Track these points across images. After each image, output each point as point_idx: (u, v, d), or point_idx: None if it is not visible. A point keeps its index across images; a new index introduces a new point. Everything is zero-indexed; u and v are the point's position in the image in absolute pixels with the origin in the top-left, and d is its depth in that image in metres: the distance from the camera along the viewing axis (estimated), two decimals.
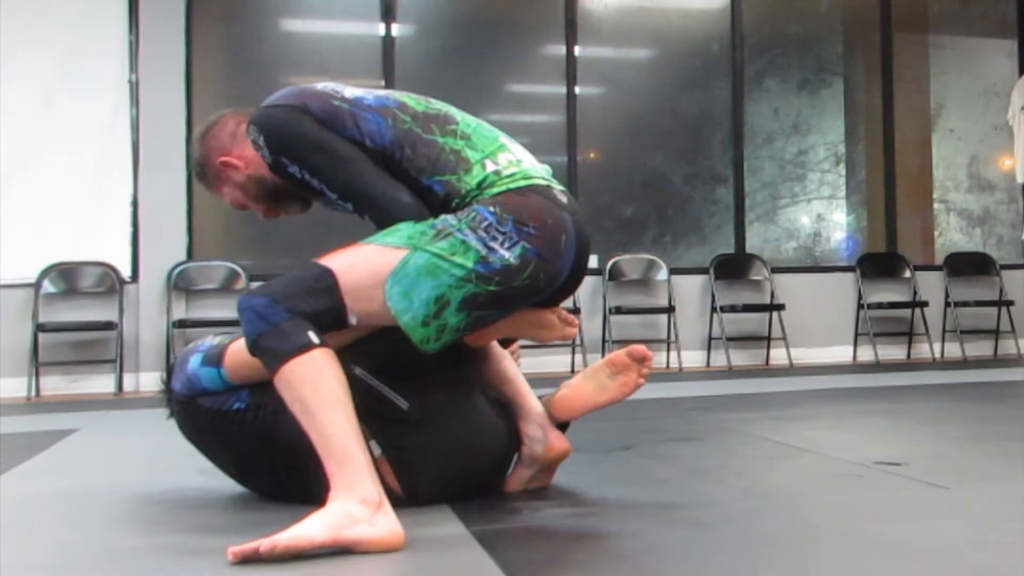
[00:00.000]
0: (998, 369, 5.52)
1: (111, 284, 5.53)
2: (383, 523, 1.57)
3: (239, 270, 5.71)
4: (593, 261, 6.30)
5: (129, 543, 1.72)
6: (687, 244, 6.77)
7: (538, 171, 1.89)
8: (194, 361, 2.00)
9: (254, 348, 1.66)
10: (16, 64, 5.43)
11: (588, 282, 6.19)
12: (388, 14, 6.15)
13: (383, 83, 6.10)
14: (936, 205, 7.28)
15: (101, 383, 5.45)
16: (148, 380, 5.49)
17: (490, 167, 1.83)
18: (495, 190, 1.79)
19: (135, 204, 5.61)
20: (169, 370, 2.09)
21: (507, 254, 1.73)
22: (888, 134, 6.96)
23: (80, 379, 5.46)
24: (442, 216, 1.78)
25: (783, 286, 6.45)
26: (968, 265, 6.89)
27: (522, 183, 1.81)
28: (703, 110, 6.88)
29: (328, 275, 1.71)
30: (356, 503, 1.57)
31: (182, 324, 5.49)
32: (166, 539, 1.74)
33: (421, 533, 1.69)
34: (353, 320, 1.73)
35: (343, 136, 1.83)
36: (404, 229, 1.76)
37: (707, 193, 6.85)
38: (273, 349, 1.63)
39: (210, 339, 2.06)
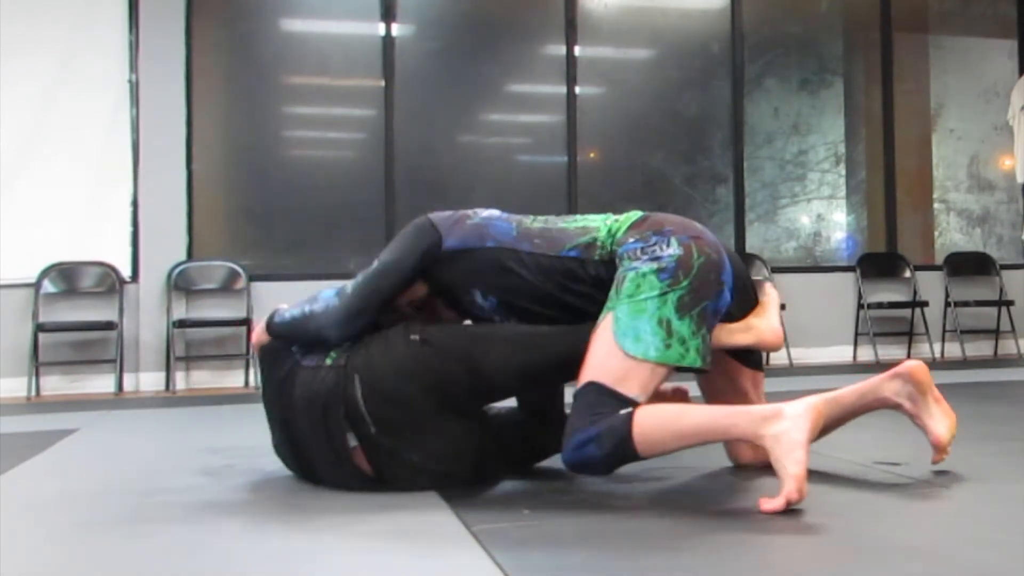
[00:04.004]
0: (998, 369, 5.52)
1: (111, 284, 5.53)
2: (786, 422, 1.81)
3: (239, 270, 5.71)
4: None
5: (129, 543, 1.72)
6: None
7: None
8: None
9: (613, 461, 1.88)
10: (16, 64, 5.43)
11: None
12: (388, 14, 6.14)
13: (383, 83, 6.10)
14: (936, 205, 7.28)
15: (101, 383, 5.45)
16: (148, 380, 5.49)
17: (608, 222, 2.11)
18: (623, 229, 2.05)
19: (135, 204, 5.61)
20: None
21: (670, 251, 1.95)
22: (888, 134, 6.96)
23: (80, 379, 5.46)
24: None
25: (783, 286, 6.45)
26: (968, 265, 6.89)
27: (636, 217, 2.08)
28: (703, 110, 6.88)
29: (602, 390, 1.89)
30: (769, 427, 1.80)
31: (182, 324, 5.49)
32: (166, 539, 1.74)
33: (420, 532, 1.69)
34: (641, 399, 1.89)
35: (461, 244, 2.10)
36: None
37: (707, 193, 6.85)
38: (616, 439, 1.84)
39: None
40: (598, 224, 2.10)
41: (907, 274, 6.75)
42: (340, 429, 1.98)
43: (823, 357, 6.46)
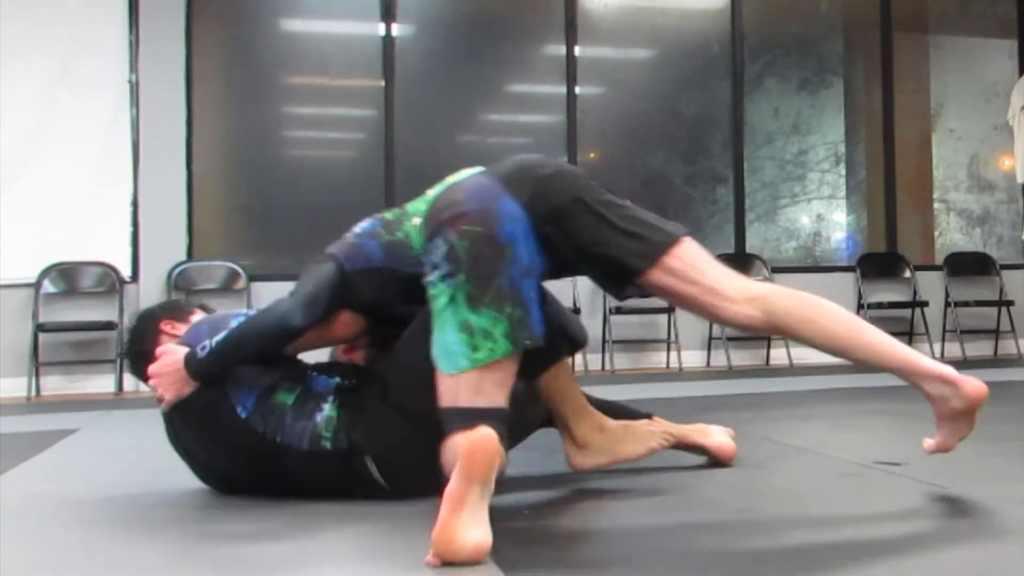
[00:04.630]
0: (998, 369, 5.52)
1: (111, 284, 5.53)
2: None
3: (239, 270, 5.71)
4: None
5: (129, 543, 1.72)
6: None
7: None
8: None
9: None
10: (16, 64, 5.43)
11: (588, 281, 6.18)
12: (388, 14, 6.14)
13: (383, 83, 6.10)
14: (936, 205, 7.28)
15: (101, 383, 5.45)
16: None
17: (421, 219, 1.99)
18: (420, 231, 1.98)
19: (135, 204, 5.61)
20: None
21: (439, 252, 1.77)
22: (888, 134, 6.96)
23: (80, 379, 5.46)
24: None
25: (783, 286, 6.44)
26: (968, 265, 6.89)
27: (427, 211, 1.94)
28: (703, 110, 6.88)
29: None
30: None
31: None
32: (166, 539, 1.74)
33: (420, 532, 1.69)
34: (495, 402, 1.73)
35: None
36: None
37: (707, 193, 6.85)
38: None
39: None
40: (417, 224, 2.01)
41: (907, 274, 6.75)
42: (351, 493, 1.97)
43: (823, 357, 6.43)
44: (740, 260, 6.56)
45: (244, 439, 1.96)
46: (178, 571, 1.52)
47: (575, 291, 6.01)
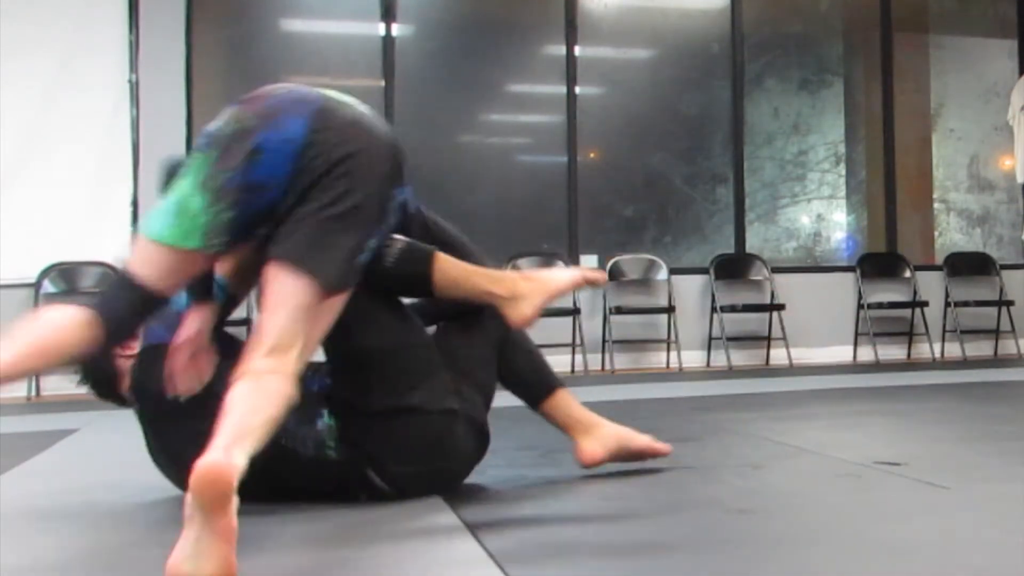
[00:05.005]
0: (998, 369, 5.52)
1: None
2: None
3: None
4: (593, 261, 6.30)
5: (129, 543, 1.72)
6: (687, 244, 6.77)
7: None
8: None
9: None
10: (16, 64, 5.43)
11: None
12: (388, 14, 6.15)
13: (383, 83, 6.10)
14: (936, 205, 7.28)
15: None
16: None
17: None
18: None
19: (135, 204, 5.60)
20: None
21: (215, 123, 1.73)
22: (888, 134, 6.96)
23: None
24: None
25: (783, 286, 6.45)
26: (968, 265, 6.89)
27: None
28: (703, 110, 6.88)
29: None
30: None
31: None
32: (166, 539, 1.73)
33: (414, 524, 1.69)
34: (153, 281, 1.66)
35: None
36: None
37: (707, 193, 6.85)
38: None
39: None
40: None
41: (907, 274, 6.75)
42: (357, 498, 1.97)
43: (823, 357, 6.46)
44: (740, 260, 6.57)
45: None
46: None
47: (575, 291, 6.01)
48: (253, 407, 1.50)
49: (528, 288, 1.96)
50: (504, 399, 2.17)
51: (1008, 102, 6.17)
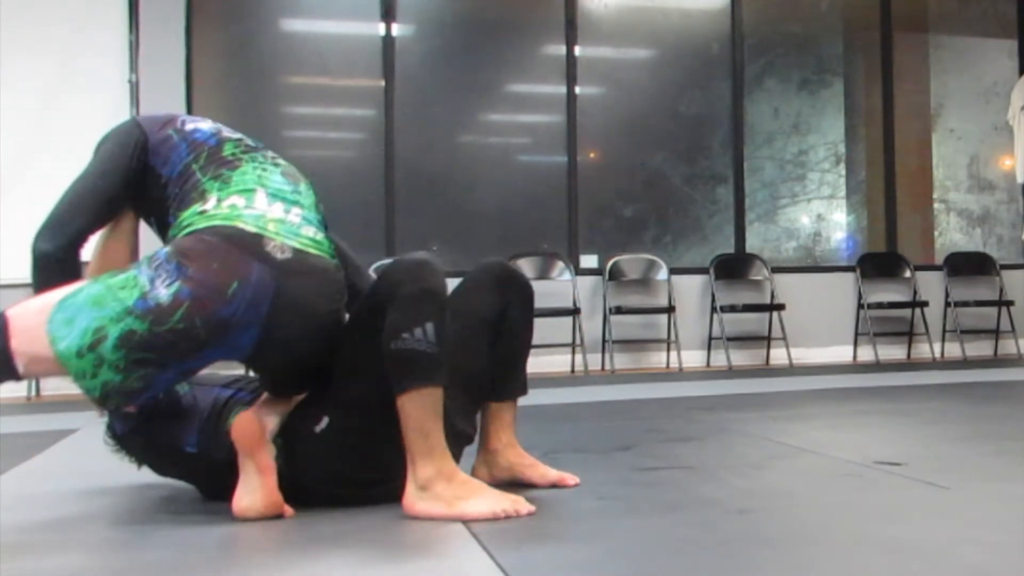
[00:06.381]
0: (998, 369, 5.52)
1: None
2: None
3: None
4: (593, 261, 6.31)
5: (130, 543, 1.72)
6: (687, 244, 6.77)
7: (263, 220, 1.80)
8: None
9: None
10: (16, 65, 5.43)
11: (588, 282, 6.20)
12: (388, 14, 6.15)
13: (383, 83, 6.10)
14: (936, 205, 7.28)
15: None
16: None
17: (200, 208, 1.84)
18: (188, 230, 1.80)
19: None
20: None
21: (163, 292, 1.68)
22: (888, 134, 6.97)
23: None
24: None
25: (783, 286, 6.45)
26: (968, 265, 6.89)
27: (216, 223, 1.78)
28: (703, 110, 6.88)
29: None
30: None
31: None
32: (166, 539, 1.74)
33: (420, 532, 1.69)
34: (20, 367, 1.71)
35: (152, 166, 2.05)
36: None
37: (707, 193, 6.85)
38: None
39: None
40: (200, 202, 1.86)
41: (907, 274, 6.75)
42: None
43: (823, 357, 6.46)
44: (740, 260, 6.57)
45: (202, 465, 1.99)
46: (179, 571, 1.52)
47: (575, 291, 6.02)
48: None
49: (440, 493, 1.76)
50: None
51: (1008, 102, 6.17)
